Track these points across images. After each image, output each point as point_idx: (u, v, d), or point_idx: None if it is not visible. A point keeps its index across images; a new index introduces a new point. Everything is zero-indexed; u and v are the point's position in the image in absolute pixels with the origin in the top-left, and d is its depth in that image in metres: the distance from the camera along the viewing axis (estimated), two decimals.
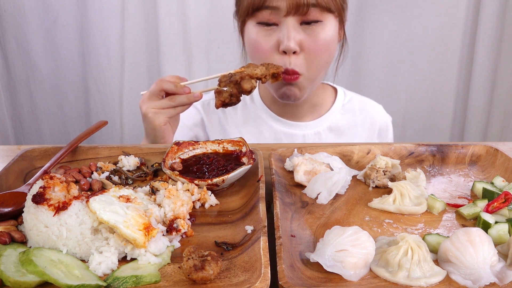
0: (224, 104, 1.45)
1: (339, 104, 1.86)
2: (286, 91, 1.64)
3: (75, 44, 2.75)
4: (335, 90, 1.90)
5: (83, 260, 0.91)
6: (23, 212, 0.97)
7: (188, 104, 1.49)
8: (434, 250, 0.94)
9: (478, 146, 1.35)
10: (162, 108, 1.48)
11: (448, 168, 1.32)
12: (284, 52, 1.54)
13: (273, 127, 1.81)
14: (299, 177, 1.21)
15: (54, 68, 2.79)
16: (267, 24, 1.56)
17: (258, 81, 1.46)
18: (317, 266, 0.89)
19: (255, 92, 1.86)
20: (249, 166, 1.18)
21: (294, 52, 1.54)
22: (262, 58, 1.57)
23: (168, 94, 1.49)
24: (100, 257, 0.89)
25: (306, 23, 1.53)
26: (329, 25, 1.56)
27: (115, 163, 1.29)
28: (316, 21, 1.53)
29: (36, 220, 0.93)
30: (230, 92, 1.44)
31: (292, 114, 1.81)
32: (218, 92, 1.44)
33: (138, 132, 2.83)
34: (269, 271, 0.82)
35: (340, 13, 1.59)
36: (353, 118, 1.86)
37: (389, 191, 1.18)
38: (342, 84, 1.93)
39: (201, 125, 1.87)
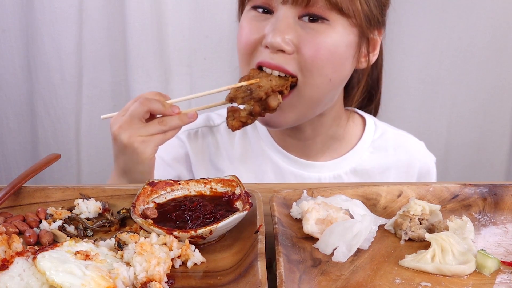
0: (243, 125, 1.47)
1: (368, 139, 1.83)
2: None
3: (18, 55, 2.75)
4: (363, 120, 1.87)
5: None
6: None
7: (179, 128, 1.49)
8: None
9: None
10: (151, 135, 1.46)
11: (503, 216, 1.34)
12: (267, 47, 1.52)
13: (279, 166, 1.79)
14: (310, 227, 1.22)
15: None
16: (262, 8, 1.56)
17: None
18: None
19: None
20: (245, 213, 1.19)
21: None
22: (240, 52, 1.56)
23: (151, 116, 1.49)
24: None
25: (307, 19, 1.51)
26: (337, 29, 1.51)
27: (70, 209, 1.30)
28: (319, 19, 1.50)
29: None
30: (250, 111, 1.44)
31: (305, 150, 1.79)
32: (233, 111, 1.46)
33: (100, 168, 2.79)
34: None
35: (360, 22, 1.52)
36: (385, 158, 1.84)
37: (426, 245, 1.19)
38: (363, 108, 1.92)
39: (185, 162, 1.85)
